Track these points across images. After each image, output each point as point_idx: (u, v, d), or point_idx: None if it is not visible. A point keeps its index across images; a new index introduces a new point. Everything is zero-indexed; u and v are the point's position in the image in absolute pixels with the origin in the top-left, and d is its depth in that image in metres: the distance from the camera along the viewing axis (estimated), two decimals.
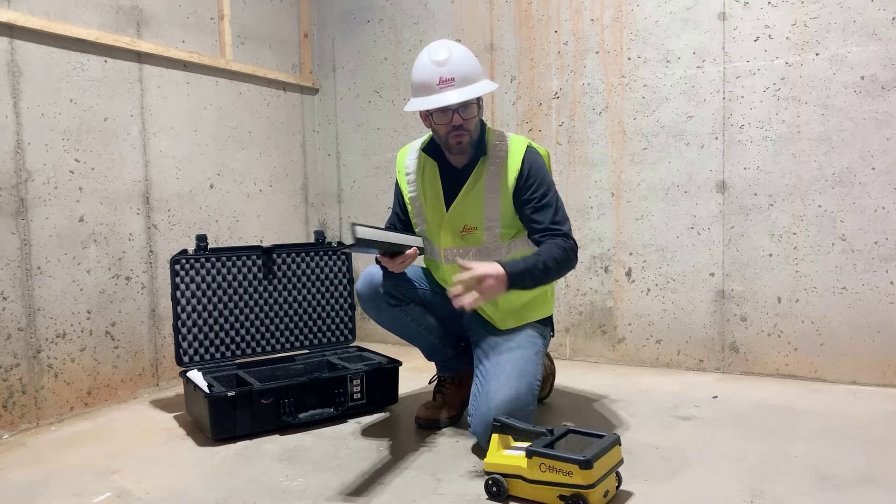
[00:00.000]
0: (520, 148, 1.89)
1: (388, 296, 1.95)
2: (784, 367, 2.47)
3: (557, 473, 1.44)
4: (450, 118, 1.79)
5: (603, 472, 1.44)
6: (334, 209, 3.41)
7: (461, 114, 1.79)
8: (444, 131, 1.83)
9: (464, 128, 1.81)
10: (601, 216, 2.76)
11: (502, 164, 1.87)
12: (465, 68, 1.78)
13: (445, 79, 1.75)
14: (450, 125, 1.80)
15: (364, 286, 1.98)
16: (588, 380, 2.53)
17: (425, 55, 1.80)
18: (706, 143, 2.55)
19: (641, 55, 2.65)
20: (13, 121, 2.09)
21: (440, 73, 1.76)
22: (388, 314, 1.99)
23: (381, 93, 3.23)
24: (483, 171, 1.88)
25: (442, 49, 1.78)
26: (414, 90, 1.83)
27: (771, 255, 2.47)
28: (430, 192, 1.94)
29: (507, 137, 1.92)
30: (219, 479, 1.69)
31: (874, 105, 2.28)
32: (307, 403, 2.08)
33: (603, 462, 1.45)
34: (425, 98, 1.78)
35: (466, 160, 1.90)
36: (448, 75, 1.75)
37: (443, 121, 1.81)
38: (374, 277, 1.96)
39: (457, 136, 1.82)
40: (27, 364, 2.14)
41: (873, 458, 1.70)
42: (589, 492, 1.40)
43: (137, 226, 2.48)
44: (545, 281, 1.78)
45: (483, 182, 1.87)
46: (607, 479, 1.46)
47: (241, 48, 2.94)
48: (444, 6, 3.03)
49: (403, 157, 2.04)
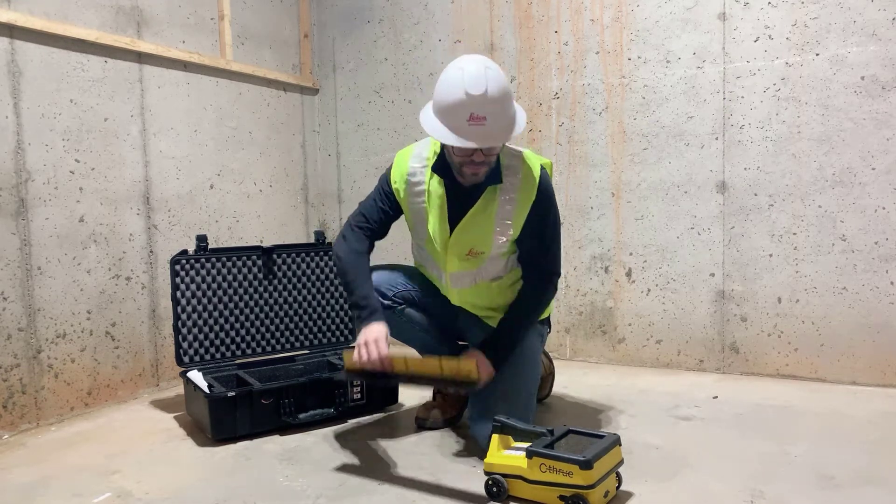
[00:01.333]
0: (535, 174, 1.79)
1: (383, 299, 1.91)
2: (784, 368, 2.47)
3: (558, 474, 1.44)
4: (471, 153, 1.66)
5: (603, 472, 1.44)
6: (334, 209, 3.41)
7: (485, 151, 1.65)
8: (460, 161, 1.70)
9: (484, 163, 1.69)
10: (601, 216, 2.76)
11: (517, 192, 1.77)
12: (501, 105, 1.61)
13: (477, 116, 1.58)
14: (469, 158, 1.67)
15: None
16: (588, 380, 2.53)
17: (459, 79, 1.60)
18: (706, 144, 2.55)
19: (641, 55, 2.65)
20: (13, 121, 2.09)
21: (472, 109, 1.58)
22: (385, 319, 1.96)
23: (381, 93, 3.23)
24: (496, 196, 1.77)
25: (479, 79, 1.58)
26: (437, 109, 1.65)
27: (771, 255, 2.47)
28: (434, 209, 1.82)
29: (520, 156, 1.81)
30: (219, 480, 1.69)
31: (874, 105, 2.28)
32: (307, 404, 2.08)
33: (603, 462, 1.45)
34: (449, 130, 1.61)
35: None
36: (481, 113, 1.58)
37: (462, 154, 1.67)
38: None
39: (474, 168, 1.69)
40: (27, 364, 2.14)
41: (873, 458, 1.70)
42: (589, 492, 1.40)
43: (137, 226, 2.48)
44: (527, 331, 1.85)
45: (496, 208, 1.77)
46: (607, 480, 1.46)
47: (241, 48, 2.94)
48: (444, 6, 3.03)
49: (405, 163, 1.87)
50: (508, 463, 1.52)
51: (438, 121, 1.64)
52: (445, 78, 1.64)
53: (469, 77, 1.59)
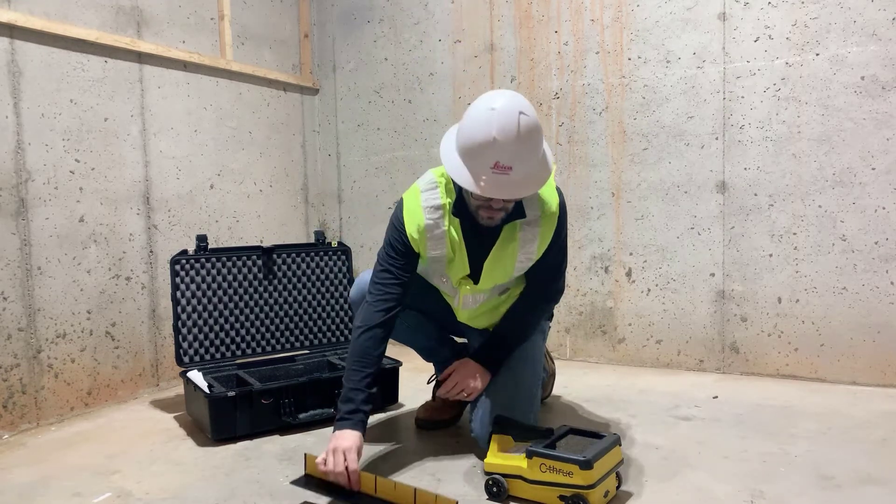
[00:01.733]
0: (553, 204, 1.71)
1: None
2: (784, 368, 2.47)
3: (558, 474, 1.44)
4: (489, 200, 1.56)
5: (603, 472, 1.44)
6: (334, 209, 3.41)
7: (505, 200, 1.56)
8: (476, 205, 1.60)
9: (502, 209, 1.60)
10: (601, 216, 2.76)
11: (539, 226, 1.70)
12: (529, 156, 1.50)
13: (502, 165, 1.46)
14: (486, 203, 1.57)
15: (357, 295, 1.91)
16: (588, 380, 2.53)
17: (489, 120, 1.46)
18: (706, 144, 2.55)
19: (641, 55, 2.65)
20: (13, 121, 2.09)
21: (498, 157, 1.46)
22: None
23: (381, 93, 3.23)
24: (516, 232, 1.69)
25: (511, 125, 1.45)
26: (461, 147, 1.52)
27: (771, 255, 2.47)
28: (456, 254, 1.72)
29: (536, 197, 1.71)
30: (219, 480, 1.69)
31: (874, 105, 2.28)
32: (307, 404, 2.08)
33: (603, 462, 1.45)
34: (471, 175, 1.49)
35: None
36: (508, 162, 1.46)
37: (480, 199, 1.57)
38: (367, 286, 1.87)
39: (490, 213, 1.60)
40: (27, 364, 2.14)
41: (873, 459, 1.70)
42: (589, 492, 1.40)
43: (137, 226, 2.48)
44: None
45: (517, 247, 1.71)
46: (608, 480, 1.46)
47: (241, 48, 2.94)
48: (444, 6, 3.03)
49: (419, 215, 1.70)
50: (508, 463, 1.52)
51: (461, 160, 1.51)
52: (475, 114, 1.50)
53: (500, 119, 1.45)
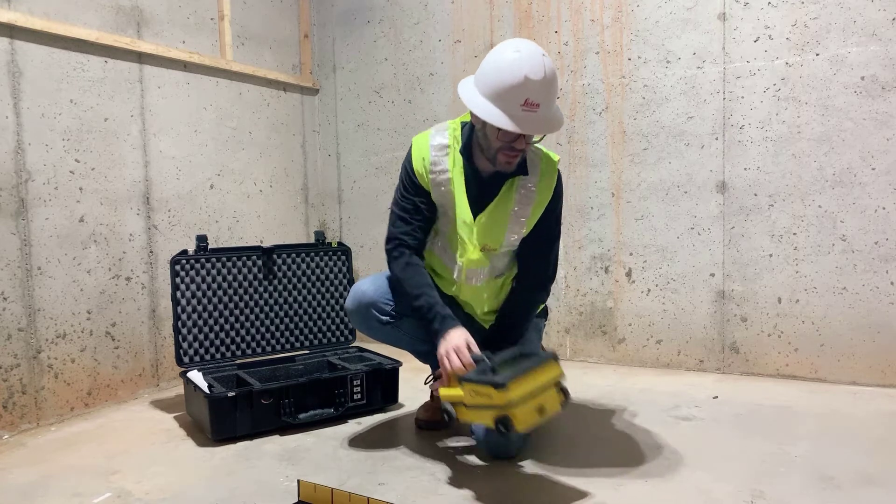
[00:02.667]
0: (552, 171, 1.78)
1: (379, 313, 1.88)
2: (784, 368, 2.47)
3: (483, 397, 1.47)
4: (513, 138, 1.62)
5: (527, 390, 1.45)
6: (334, 209, 3.41)
7: (526, 138, 1.64)
8: (498, 146, 1.65)
9: (522, 152, 1.67)
10: (601, 216, 2.76)
11: (536, 186, 1.75)
12: (553, 95, 1.61)
13: (533, 102, 1.56)
14: (509, 144, 1.64)
15: (353, 305, 1.90)
16: (588, 380, 2.53)
17: (518, 61, 1.56)
18: (706, 144, 2.55)
19: (641, 55, 2.65)
20: (13, 121, 2.09)
21: (529, 95, 1.55)
22: (381, 332, 1.92)
23: (381, 93, 3.23)
24: (513, 190, 1.75)
25: (538, 65, 1.55)
26: (488, 89, 1.59)
27: (771, 255, 2.47)
28: (459, 195, 1.77)
29: (539, 151, 1.79)
30: (219, 480, 1.69)
31: (874, 105, 2.28)
32: (307, 404, 2.08)
33: (526, 381, 1.46)
34: (501, 112, 1.57)
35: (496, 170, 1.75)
36: (536, 100, 1.56)
37: (506, 138, 1.63)
38: (364, 295, 1.88)
39: (511, 156, 1.67)
40: (27, 364, 2.14)
41: (873, 459, 1.70)
42: (512, 411, 1.42)
43: (137, 226, 2.48)
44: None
45: (513, 204, 1.75)
46: (542, 396, 1.47)
47: (241, 48, 2.94)
48: (444, 6, 3.03)
49: (427, 147, 1.79)
50: (452, 392, 1.57)
51: (491, 104, 1.58)
52: (500, 58, 1.59)
53: (528, 61, 1.55)
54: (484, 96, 1.59)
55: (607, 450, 1.82)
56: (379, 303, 1.88)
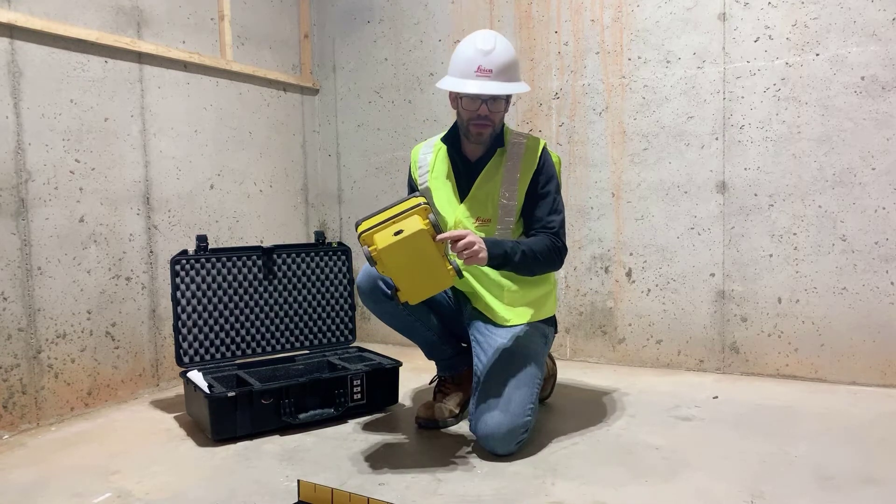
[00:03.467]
0: (537, 146, 1.94)
1: (387, 286, 1.92)
2: (784, 368, 2.47)
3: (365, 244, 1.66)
4: (477, 106, 1.83)
5: (375, 221, 1.63)
6: (334, 209, 3.41)
7: (489, 106, 1.83)
8: (468, 117, 1.87)
9: (488, 119, 1.85)
10: (601, 216, 2.76)
11: (521, 158, 1.91)
12: (506, 63, 1.81)
13: (484, 69, 1.79)
14: (475, 113, 1.84)
15: (363, 278, 1.98)
16: (588, 380, 2.53)
17: (471, 40, 1.84)
18: (706, 144, 2.55)
19: (641, 55, 2.65)
20: (13, 121, 2.09)
21: (480, 62, 1.79)
22: (386, 307, 1.97)
23: (381, 93, 3.23)
24: (501, 163, 1.92)
25: (489, 39, 1.82)
26: (451, 69, 1.86)
27: (771, 255, 2.47)
28: (442, 183, 1.97)
29: (523, 136, 1.97)
30: (219, 480, 1.69)
31: (874, 105, 2.28)
32: (307, 404, 2.08)
33: (376, 217, 1.65)
34: (459, 80, 1.82)
35: (482, 152, 1.93)
36: (488, 66, 1.79)
37: (471, 107, 1.84)
38: (374, 270, 1.92)
39: (479, 125, 1.86)
40: (27, 364, 2.14)
41: (873, 459, 1.70)
42: (368, 239, 1.61)
43: (138, 226, 2.48)
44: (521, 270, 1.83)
45: (501, 174, 1.90)
46: (400, 223, 1.60)
47: (241, 49, 2.94)
48: (444, 6, 3.03)
49: (417, 152, 2.08)
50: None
51: (450, 78, 1.84)
52: (460, 44, 1.86)
53: (481, 36, 1.83)
54: (449, 76, 1.86)
55: (607, 450, 1.82)
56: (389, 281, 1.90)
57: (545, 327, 1.98)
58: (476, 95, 1.81)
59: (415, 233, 1.57)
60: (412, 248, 1.58)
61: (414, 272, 1.62)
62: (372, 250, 1.60)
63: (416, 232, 1.57)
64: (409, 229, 1.58)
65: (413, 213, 1.64)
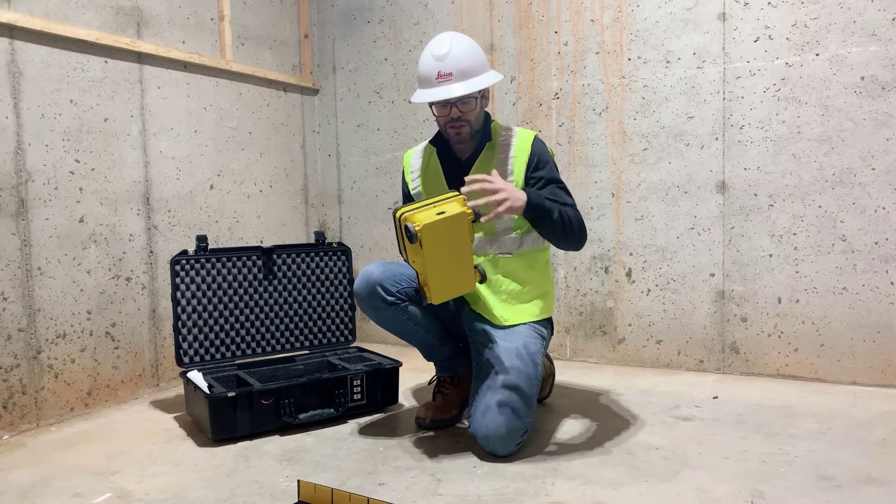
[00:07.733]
0: (528, 137, 1.94)
1: (386, 293, 1.94)
2: (784, 368, 2.47)
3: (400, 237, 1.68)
4: (448, 111, 1.86)
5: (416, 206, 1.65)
6: (334, 210, 3.41)
7: (459, 107, 1.85)
8: (443, 122, 1.91)
9: (462, 119, 1.87)
10: (601, 217, 2.76)
11: (511, 151, 1.92)
12: (464, 63, 1.83)
13: (443, 73, 1.82)
14: (448, 117, 1.87)
15: (361, 285, 1.97)
16: (588, 380, 2.53)
17: (428, 48, 1.87)
18: (706, 144, 2.55)
19: (641, 56, 2.65)
20: (13, 121, 2.09)
21: (438, 68, 1.82)
22: (386, 313, 1.97)
23: (381, 93, 3.23)
24: (492, 157, 1.93)
25: (443, 43, 1.83)
26: (418, 82, 1.90)
27: (771, 255, 2.47)
28: (433, 185, 1.98)
29: (513, 129, 1.97)
30: (219, 480, 1.69)
31: (874, 105, 2.28)
32: (307, 404, 2.08)
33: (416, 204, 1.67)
34: (425, 91, 1.85)
35: (471, 150, 1.95)
36: (446, 70, 1.82)
37: (442, 113, 1.88)
38: (371, 276, 1.95)
39: (455, 127, 1.89)
40: (27, 365, 2.14)
41: (873, 459, 1.70)
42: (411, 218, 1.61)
43: (137, 226, 2.49)
44: (557, 229, 1.80)
45: (494, 167, 1.89)
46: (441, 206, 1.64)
47: (241, 49, 2.94)
48: (444, 6, 3.03)
49: (409, 157, 2.10)
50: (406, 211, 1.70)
51: (419, 90, 1.88)
52: (421, 54, 1.89)
53: (435, 43, 1.86)
54: (418, 87, 1.90)
55: (607, 450, 1.82)
56: (385, 283, 1.94)
57: (542, 328, 1.98)
58: (441, 102, 1.84)
59: (458, 214, 1.63)
60: (453, 229, 1.62)
61: (447, 262, 1.64)
62: (416, 225, 1.58)
63: (458, 213, 1.63)
64: (451, 210, 1.63)
65: (453, 199, 1.68)
